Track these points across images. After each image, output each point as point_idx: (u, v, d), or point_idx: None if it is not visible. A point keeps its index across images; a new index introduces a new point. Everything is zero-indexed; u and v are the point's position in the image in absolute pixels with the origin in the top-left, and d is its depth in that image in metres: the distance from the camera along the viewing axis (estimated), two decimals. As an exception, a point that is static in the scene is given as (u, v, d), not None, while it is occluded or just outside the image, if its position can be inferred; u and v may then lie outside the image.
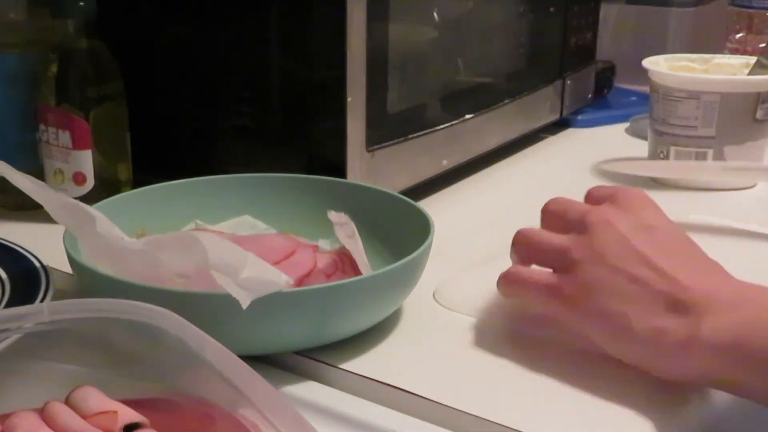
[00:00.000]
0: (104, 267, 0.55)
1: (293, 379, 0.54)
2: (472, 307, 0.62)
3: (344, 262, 0.62)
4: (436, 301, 0.63)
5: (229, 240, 0.55)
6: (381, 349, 0.56)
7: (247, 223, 0.68)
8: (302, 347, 0.55)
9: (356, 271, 0.61)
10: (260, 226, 0.68)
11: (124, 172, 0.77)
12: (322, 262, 0.62)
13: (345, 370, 0.54)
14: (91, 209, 0.55)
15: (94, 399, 0.40)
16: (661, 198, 0.86)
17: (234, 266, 0.48)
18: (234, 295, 0.47)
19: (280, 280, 0.49)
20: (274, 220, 0.68)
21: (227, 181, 0.69)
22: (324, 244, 0.66)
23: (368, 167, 0.72)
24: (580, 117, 1.11)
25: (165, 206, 0.66)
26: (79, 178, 0.74)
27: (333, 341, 0.55)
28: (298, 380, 0.53)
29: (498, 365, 0.55)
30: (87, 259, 0.56)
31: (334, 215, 0.61)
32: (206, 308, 0.51)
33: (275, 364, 0.54)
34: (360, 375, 0.53)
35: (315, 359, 0.54)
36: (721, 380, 0.48)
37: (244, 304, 0.47)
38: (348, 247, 0.61)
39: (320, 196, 0.68)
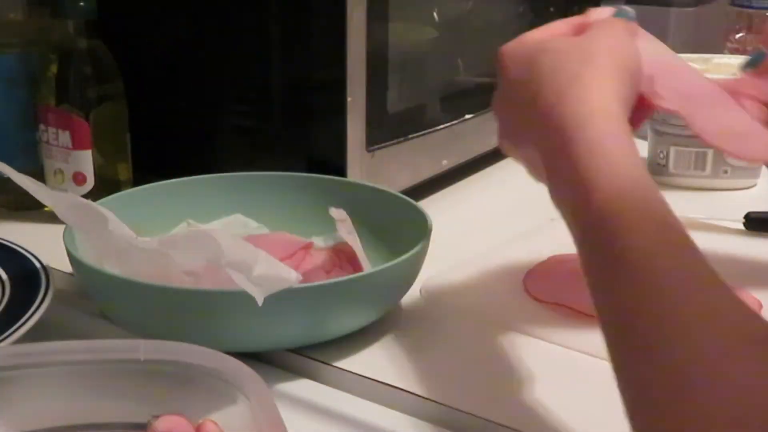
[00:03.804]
0: (110, 266, 0.55)
1: (287, 376, 0.54)
2: (456, 302, 0.62)
3: (341, 258, 0.62)
4: (422, 297, 0.63)
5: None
6: (376, 347, 0.57)
7: (238, 222, 0.68)
8: (300, 344, 0.55)
9: (354, 267, 0.61)
10: (252, 225, 0.68)
11: (124, 172, 0.77)
12: (320, 258, 0.62)
13: (339, 368, 0.54)
14: (103, 209, 0.55)
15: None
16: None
17: (247, 264, 0.48)
18: (249, 291, 0.47)
19: (290, 276, 0.49)
20: (266, 218, 0.69)
21: (219, 180, 0.69)
22: (318, 241, 0.66)
23: (368, 167, 0.72)
24: (580, 117, 1.11)
25: (157, 206, 0.67)
26: (79, 178, 0.74)
27: (330, 339, 0.55)
28: (292, 378, 0.54)
29: (494, 365, 0.55)
30: (91, 257, 0.56)
31: (335, 212, 0.61)
32: (203, 305, 0.51)
33: (269, 361, 0.55)
34: (354, 373, 0.53)
35: (309, 357, 0.54)
36: None
37: (260, 300, 0.47)
38: (349, 242, 0.61)
39: (312, 193, 0.68)
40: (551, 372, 0.54)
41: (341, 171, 0.70)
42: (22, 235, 0.65)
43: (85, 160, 0.74)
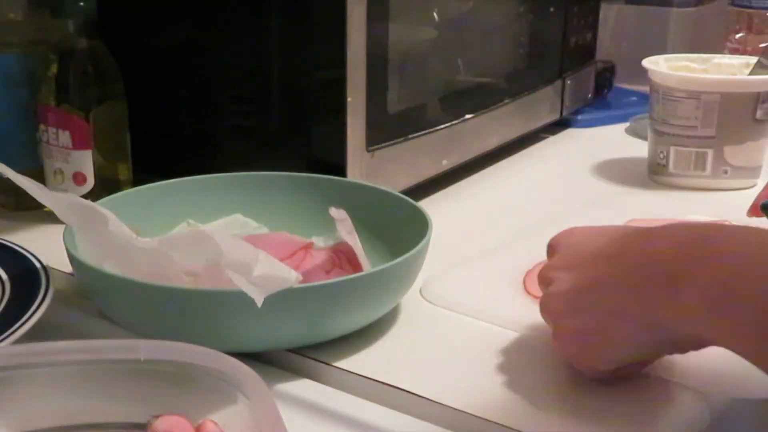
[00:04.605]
0: (110, 266, 0.55)
1: (287, 376, 0.54)
2: (456, 302, 0.62)
3: (340, 258, 0.62)
4: (422, 297, 0.62)
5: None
6: (375, 347, 0.56)
7: (238, 222, 0.68)
8: (300, 344, 0.55)
9: (353, 267, 0.61)
10: (252, 225, 0.68)
11: (124, 172, 0.77)
12: (320, 258, 0.62)
13: (339, 368, 0.54)
14: (103, 209, 0.55)
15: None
16: (661, 198, 0.87)
17: (247, 264, 0.48)
18: (248, 292, 0.47)
19: (290, 276, 0.49)
20: (266, 218, 0.69)
21: (219, 180, 0.69)
22: (318, 241, 0.66)
23: (368, 167, 0.72)
24: (580, 117, 1.11)
25: (157, 206, 0.67)
26: (79, 178, 0.74)
27: (330, 339, 0.55)
28: (292, 378, 0.54)
29: (494, 365, 0.55)
30: (91, 257, 0.56)
31: (334, 211, 0.61)
32: (203, 305, 0.51)
33: (269, 361, 0.55)
34: (354, 373, 0.53)
35: (309, 357, 0.54)
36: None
37: (259, 301, 0.47)
38: (350, 242, 0.61)
39: (312, 193, 0.68)
40: (551, 372, 0.54)
41: (341, 171, 0.70)
42: (22, 235, 0.66)
43: (85, 160, 0.74)
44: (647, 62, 0.90)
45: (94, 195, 0.72)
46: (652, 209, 0.77)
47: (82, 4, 0.72)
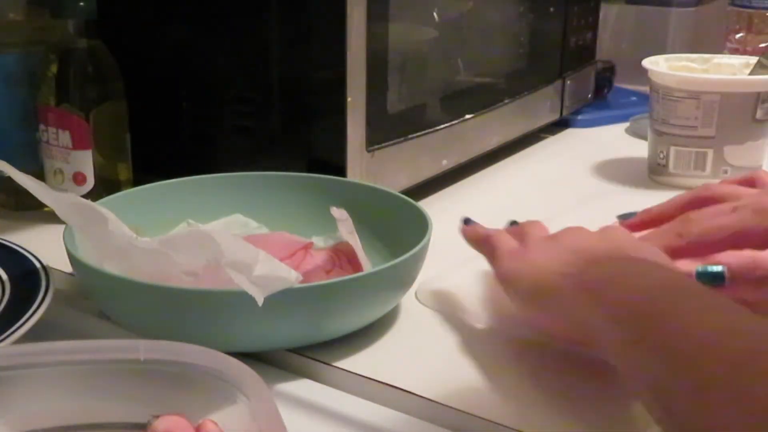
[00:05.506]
0: (111, 266, 0.55)
1: (287, 376, 0.54)
2: (451, 306, 0.62)
3: (340, 258, 0.62)
4: (418, 300, 0.62)
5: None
6: (375, 347, 0.56)
7: (238, 222, 0.68)
8: (300, 344, 0.55)
9: (353, 267, 0.61)
10: (252, 225, 0.68)
11: (124, 172, 0.77)
12: (320, 258, 0.62)
13: (338, 367, 0.54)
14: (103, 209, 0.55)
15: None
16: (661, 198, 0.87)
17: (247, 264, 0.48)
18: (249, 291, 0.47)
19: (290, 276, 0.49)
20: (266, 218, 0.69)
21: (219, 180, 0.69)
22: (318, 240, 0.66)
23: (368, 167, 0.72)
24: (580, 117, 1.11)
25: (157, 206, 0.67)
26: (79, 178, 0.74)
27: (330, 339, 0.55)
28: (292, 378, 0.54)
29: (493, 365, 0.55)
30: (91, 257, 0.56)
31: (336, 211, 0.61)
32: (203, 305, 0.51)
33: (269, 361, 0.55)
34: (353, 373, 0.53)
35: (309, 357, 0.54)
36: None
37: (260, 300, 0.47)
38: (350, 242, 0.61)
39: (312, 193, 0.68)
40: (551, 372, 0.54)
41: (341, 171, 0.70)
42: (22, 235, 0.66)
43: (85, 160, 0.74)
44: (647, 62, 0.90)
45: (94, 195, 0.72)
46: (652, 209, 0.77)
47: (82, 4, 0.72)
